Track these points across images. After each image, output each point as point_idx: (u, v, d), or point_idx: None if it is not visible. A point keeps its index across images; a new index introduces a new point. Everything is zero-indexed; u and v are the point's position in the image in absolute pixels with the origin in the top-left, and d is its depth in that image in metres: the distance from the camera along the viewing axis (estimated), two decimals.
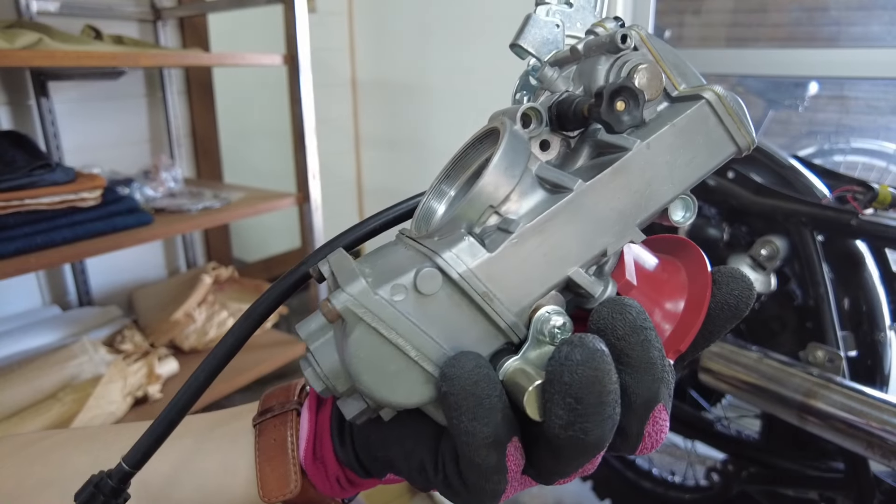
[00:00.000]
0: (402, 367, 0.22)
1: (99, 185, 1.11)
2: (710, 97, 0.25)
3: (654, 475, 1.26)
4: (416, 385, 0.22)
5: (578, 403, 0.20)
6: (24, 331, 1.30)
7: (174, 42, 1.60)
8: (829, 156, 2.13)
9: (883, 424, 0.73)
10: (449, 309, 0.22)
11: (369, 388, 0.22)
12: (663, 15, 2.02)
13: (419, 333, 0.22)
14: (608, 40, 0.25)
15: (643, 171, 0.24)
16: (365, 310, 0.21)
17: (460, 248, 0.22)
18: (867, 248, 0.93)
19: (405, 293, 0.22)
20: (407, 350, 0.22)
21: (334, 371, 0.24)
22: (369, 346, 0.22)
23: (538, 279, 0.23)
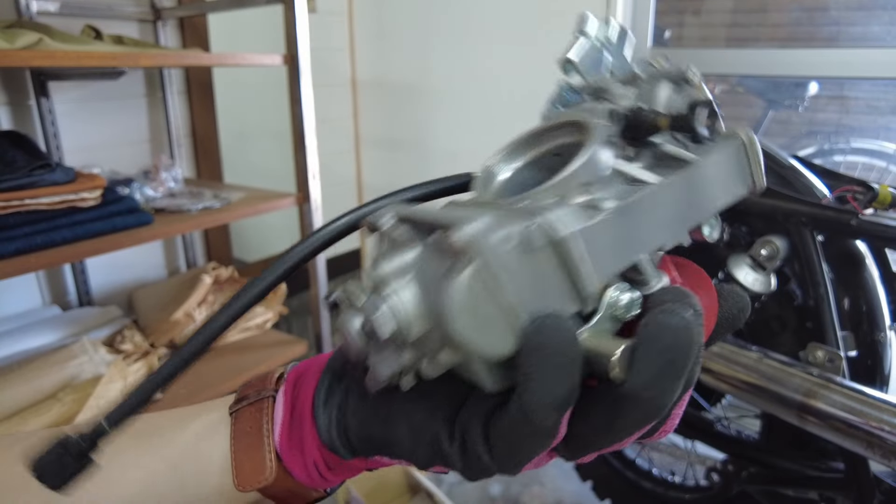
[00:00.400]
0: (495, 314, 0.22)
1: (99, 185, 1.11)
2: (745, 138, 0.29)
3: (654, 475, 1.26)
4: (502, 335, 0.23)
5: (670, 365, 0.21)
6: (24, 331, 1.30)
7: (174, 42, 1.60)
8: (829, 156, 2.13)
9: (883, 424, 0.73)
10: (544, 267, 0.23)
11: (461, 329, 0.22)
12: (663, 15, 2.02)
13: (518, 284, 0.22)
14: (675, 71, 0.29)
15: (700, 183, 0.27)
16: (485, 251, 0.22)
17: (565, 212, 0.23)
18: (867, 248, 0.93)
19: (512, 243, 0.22)
20: (506, 298, 0.22)
21: (415, 312, 0.23)
22: (475, 286, 0.22)
23: (616, 257, 0.24)
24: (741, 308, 0.28)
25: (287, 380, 0.33)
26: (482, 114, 1.98)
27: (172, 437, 0.34)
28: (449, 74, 2.02)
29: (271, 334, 1.55)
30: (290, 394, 0.32)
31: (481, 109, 1.98)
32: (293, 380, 0.33)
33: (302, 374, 0.33)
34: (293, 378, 0.33)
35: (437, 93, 2.07)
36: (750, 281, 0.89)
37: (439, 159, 2.14)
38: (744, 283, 0.89)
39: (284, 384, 0.33)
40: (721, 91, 2.47)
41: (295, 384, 0.33)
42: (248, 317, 1.51)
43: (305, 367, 0.34)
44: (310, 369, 0.33)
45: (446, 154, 2.12)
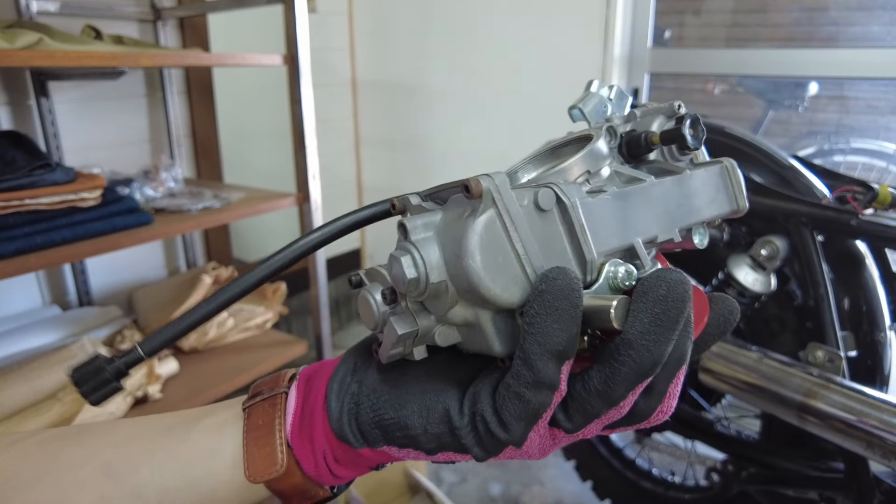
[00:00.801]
0: (507, 262, 0.25)
1: (99, 185, 1.11)
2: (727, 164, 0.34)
3: (654, 475, 1.26)
4: (513, 282, 0.25)
5: (663, 315, 0.23)
6: (24, 331, 1.30)
7: (174, 42, 1.60)
8: (829, 156, 2.13)
9: (883, 424, 0.73)
10: (551, 230, 0.26)
11: (477, 269, 0.24)
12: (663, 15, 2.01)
13: (530, 238, 0.25)
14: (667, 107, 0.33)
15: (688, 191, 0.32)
16: (501, 198, 0.25)
17: (571, 185, 0.27)
18: (867, 248, 0.93)
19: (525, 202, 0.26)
20: (519, 247, 0.25)
21: (435, 262, 0.26)
22: (492, 231, 0.25)
23: (614, 235, 0.28)
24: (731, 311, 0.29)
25: (300, 377, 0.35)
26: (482, 114, 1.98)
27: (184, 433, 0.34)
28: (449, 74, 2.02)
29: (271, 334, 1.55)
30: (303, 389, 0.34)
31: (481, 109, 1.98)
32: (306, 377, 0.34)
33: (315, 372, 0.35)
34: (306, 375, 0.35)
35: (436, 93, 2.07)
36: (750, 281, 0.89)
37: (439, 159, 2.14)
38: (744, 283, 0.89)
39: (297, 381, 0.34)
40: (721, 91, 2.47)
41: (307, 380, 0.34)
42: (248, 317, 1.51)
43: (318, 366, 0.35)
44: (323, 368, 0.34)
45: (446, 154, 2.12)
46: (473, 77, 1.97)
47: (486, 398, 0.26)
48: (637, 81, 1.73)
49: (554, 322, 0.23)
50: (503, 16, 1.85)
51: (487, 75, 1.93)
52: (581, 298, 0.24)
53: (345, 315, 2.48)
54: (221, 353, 1.43)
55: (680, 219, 0.31)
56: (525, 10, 1.80)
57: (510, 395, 0.25)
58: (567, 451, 1.40)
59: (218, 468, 0.33)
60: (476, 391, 0.27)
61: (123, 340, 1.33)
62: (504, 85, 1.90)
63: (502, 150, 1.97)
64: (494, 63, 1.91)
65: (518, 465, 1.60)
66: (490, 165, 2.05)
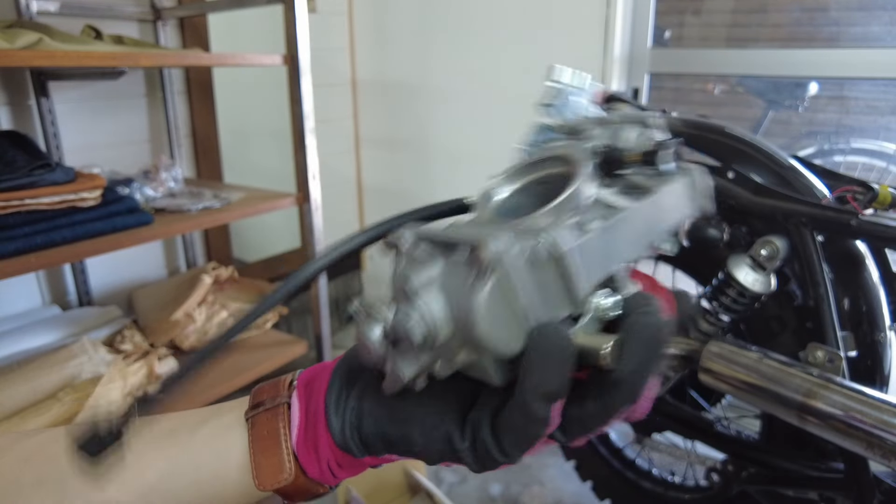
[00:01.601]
0: (509, 319, 0.27)
1: (99, 185, 1.11)
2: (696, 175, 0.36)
3: (654, 475, 1.26)
4: (513, 336, 0.27)
5: (650, 357, 0.27)
6: (24, 331, 1.30)
7: (174, 42, 1.60)
8: (829, 156, 2.13)
9: (883, 424, 0.72)
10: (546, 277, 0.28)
11: (485, 331, 0.26)
12: (663, 15, 2.02)
13: (528, 292, 0.27)
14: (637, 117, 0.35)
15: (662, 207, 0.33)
16: (503, 263, 0.26)
17: (563, 231, 0.28)
18: (867, 248, 0.93)
19: (524, 259, 0.26)
20: (520, 304, 0.26)
21: (443, 321, 0.27)
22: (496, 294, 0.26)
23: (600, 268, 0.29)
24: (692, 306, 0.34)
25: (298, 384, 0.36)
26: (482, 114, 1.98)
27: (188, 438, 0.35)
28: (449, 74, 2.02)
29: (271, 334, 1.55)
30: (304, 399, 0.35)
31: (481, 109, 1.98)
32: (304, 384, 0.35)
33: (312, 379, 0.36)
34: (304, 383, 0.36)
35: (437, 93, 2.07)
36: (750, 281, 0.89)
37: (439, 159, 2.14)
38: (743, 283, 0.89)
39: (297, 390, 0.35)
40: (721, 91, 2.47)
41: (307, 388, 0.35)
42: None
43: (314, 373, 0.36)
44: (320, 375, 0.35)
45: (446, 154, 2.12)
46: (473, 77, 1.97)
47: (486, 427, 0.29)
48: (637, 81, 1.73)
49: (546, 372, 0.26)
50: (503, 16, 1.85)
51: (487, 75, 1.93)
52: (572, 350, 0.27)
53: (345, 315, 2.48)
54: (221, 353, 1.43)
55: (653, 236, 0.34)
56: (525, 10, 1.80)
57: (509, 427, 0.28)
58: (567, 452, 1.41)
59: (225, 473, 0.34)
60: (476, 420, 0.29)
61: (123, 340, 1.34)
62: (504, 85, 1.90)
63: (502, 150, 1.96)
64: (494, 63, 1.91)
65: (518, 466, 1.60)
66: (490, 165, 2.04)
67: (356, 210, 2.39)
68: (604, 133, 0.35)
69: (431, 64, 2.05)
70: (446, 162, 2.13)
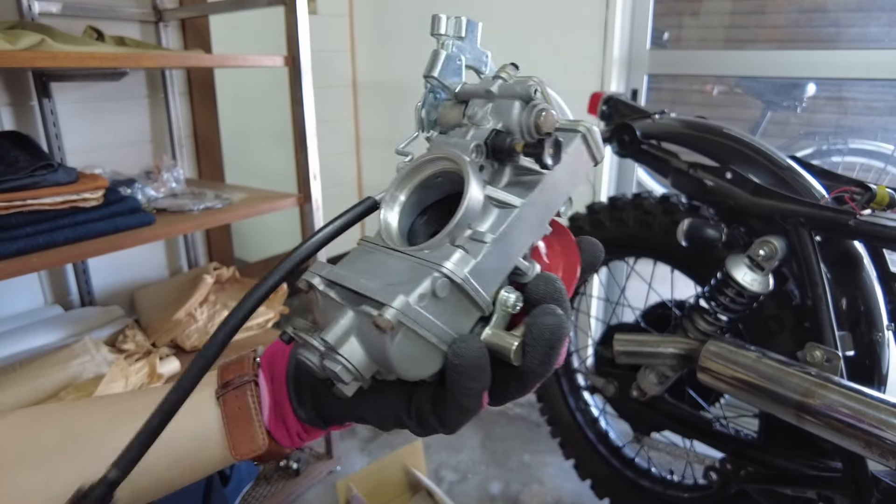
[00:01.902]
0: (426, 352, 0.30)
1: (101, 185, 1.12)
2: (583, 130, 0.35)
3: (653, 474, 1.27)
4: (432, 362, 0.31)
5: (551, 350, 0.31)
6: (27, 330, 1.31)
7: (176, 43, 1.61)
8: (827, 156, 2.14)
9: (881, 424, 0.73)
10: (450, 303, 0.30)
11: (404, 371, 0.30)
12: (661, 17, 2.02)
13: (436, 325, 0.30)
14: (522, 91, 0.35)
15: (554, 186, 0.34)
16: (407, 318, 0.28)
17: (456, 259, 0.30)
18: (865, 248, 0.94)
19: (426, 299, 0.29)
20: (430, 339, 0.30)
21: (364, 365, 0.31)
22: (407, 343, 0.29)
23: (502, 269, 0.32)
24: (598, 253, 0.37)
25: (262, 364, 0.40)
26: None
27: None
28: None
29: (272, 333, 1.56)
30: (269, 380, 0.39)
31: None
32: (267, 363, 0.40)
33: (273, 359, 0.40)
34: (267, 362, 0.40)
35: None
36: (748, 281, 0.90)
37: None
38: (742, 283, 0.90)
39: (261, 370, 0.40)
40: (719, 92, 2.48)
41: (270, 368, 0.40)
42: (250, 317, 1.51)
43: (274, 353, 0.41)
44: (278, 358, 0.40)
45: None
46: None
47: (427, 410, 0.33)
48: (636, 82, 1.73)
49: (471, 380, 0.30)
50: (503, 18, 1.85)
51: None
52: (486, 357, 0.31)
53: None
54: (223, 353, 1.43)
55: (549, 216, 0.35)
56: (525, 11, 1.80)
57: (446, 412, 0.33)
58: (566, 451, 1.41)
59: (201, 447, 0.38)
60: (418, 405, 0.34)
61: (125, 340, 1.34)
62: None
63: None
64: (495, 64, 1.91)
65: (518, 465, 1.60)
66: None
67: None
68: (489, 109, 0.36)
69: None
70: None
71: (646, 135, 1.06)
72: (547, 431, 1.47)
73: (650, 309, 1.20)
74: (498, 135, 0.33)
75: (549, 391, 1.41)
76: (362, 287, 0.30)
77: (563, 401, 1.39)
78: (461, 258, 0.30)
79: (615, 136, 1.09)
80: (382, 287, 0.29)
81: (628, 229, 1.14)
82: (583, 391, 1.40)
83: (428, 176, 0.36)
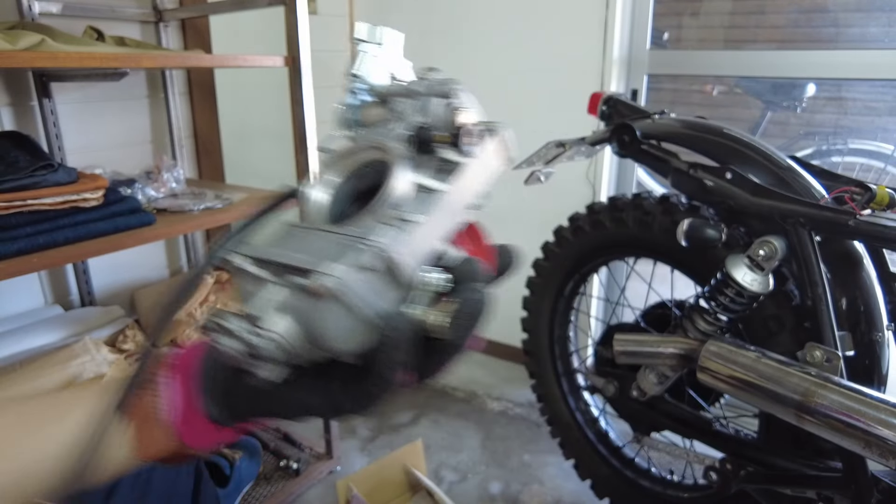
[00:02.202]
0: (358, 324, 0.30)
1: (101, 185, 1.12)
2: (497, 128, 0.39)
3: (653, 474, 1.27)
4: (364, 337, 0.31)
5: (474, 324, 0.33)
6: (27, 330, 1.31)
7: (176, 43, 1.61)
8: (826, 157, 2.14)
9: (880, 424, 0.73)
10: (377, 278, 0.31)
11: (336, 345, 0.30)
12: (662, 17, 2.02)
13: (370, 297, 0.30)
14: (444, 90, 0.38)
15: (472, 176, 0.37)
16: (345, 286, 0.28)
17: (389, 235, 0.31)
18: (864, 248, 0.94)
19: (360, 271, 0.29)
20: (364, 311, 0.30)
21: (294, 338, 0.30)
22: (341, 312, 0.29)
23: (425, 251, 0.33)
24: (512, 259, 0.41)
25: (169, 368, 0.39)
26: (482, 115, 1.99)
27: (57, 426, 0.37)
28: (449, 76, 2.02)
29: None
30: (179, 382, 0.38)
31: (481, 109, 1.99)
32: (175, 367, 0.39)
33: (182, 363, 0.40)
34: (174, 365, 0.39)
35: None
36: (748, 281, 0.90)
37: None
38: (742, 283, 0.90)
39: (169, 373, 0.39)
40: (719, 92, 2.48)
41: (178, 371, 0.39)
42: None
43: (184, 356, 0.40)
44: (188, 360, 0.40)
45: None
46: (473, 79, 1.97)
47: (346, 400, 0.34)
48: (636, 83, 1.73)
49: (399, 354, 0.31)
50: (503, 18, 1.85)
51: (487, 77, 1.94)
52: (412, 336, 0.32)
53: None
54: None
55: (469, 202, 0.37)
56: (525, 12, 1.80)
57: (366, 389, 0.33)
58: (566, 451, 1.41)
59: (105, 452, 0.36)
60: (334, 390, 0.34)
61: (125, 340, 1.34)
62: (504, 87, 1.91)
63: None
64: (494, 65, 1.92)
65: (518, 465, 1.60)
66: None
67: None
68: (413, 106, 0.39)
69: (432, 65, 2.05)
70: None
71: (646, 135, 1.06)
72: (547, 431, 1.47)
73: (650, 309, 1.20)
74: (422, 128, 0.37)
75: (550, 391, 1.41)
76: (294, 260, 0.30)
77: (563, 401, 1.39)
78: (393, 234, 0.31)
79: (615, 137, 1.09)
80: (316, 259, 0.29)
81: (628, 229, 1.14)
82: (583, 391, 1.40)
83: (357, 166, 0.37)
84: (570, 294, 1.34)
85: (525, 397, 1.92)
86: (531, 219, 1.97)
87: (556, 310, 1.35)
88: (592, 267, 1.29)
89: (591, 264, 1.28)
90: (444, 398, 1.94)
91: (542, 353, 1.40)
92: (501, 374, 2.09)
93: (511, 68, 1.88)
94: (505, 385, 2.02)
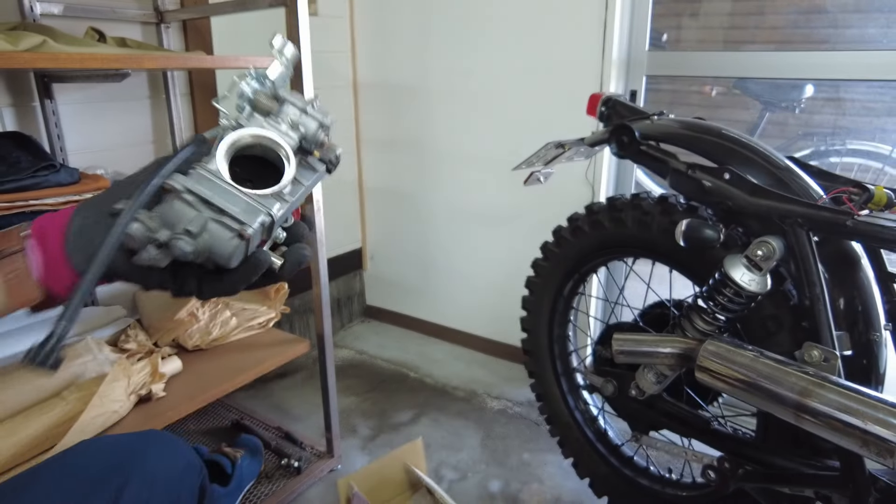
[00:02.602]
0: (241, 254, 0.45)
1: (103, 185, 1.12)
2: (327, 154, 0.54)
3: (652, 472, 1.27)
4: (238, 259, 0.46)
5: (299, 267, 0.51)
6: (28, 330, 1.31)
7: (177, 44, 1.62)
8: (825, 157, 2.15)
9: (878, 423, 0.74)
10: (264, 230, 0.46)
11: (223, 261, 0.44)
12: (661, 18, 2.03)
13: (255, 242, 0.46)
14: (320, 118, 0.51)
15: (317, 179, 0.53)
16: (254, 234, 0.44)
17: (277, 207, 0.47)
18: (862, 248, 0.95)
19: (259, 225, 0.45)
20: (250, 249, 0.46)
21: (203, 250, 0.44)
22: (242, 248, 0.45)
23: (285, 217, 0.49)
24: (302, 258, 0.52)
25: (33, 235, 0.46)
26: (482, 115, 2.00)
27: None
28: (449, 76, 2.03)
29: (273, 333, 1.56)
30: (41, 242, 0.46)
31: (481, 111, 1.99)
32: (37, 235, 0.46)
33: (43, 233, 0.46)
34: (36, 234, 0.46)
35: (436, 95, 2.08)
36: (746, 281, 0.90)
37: (439, 160, 2.15)
38: (740, 283, 0.90)
39: (32, 239, 0.46)
40: (718, 93, 2.49)
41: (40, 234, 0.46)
42: (251, 316, 1.52)
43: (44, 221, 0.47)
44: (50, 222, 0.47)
45: (446, 155, 2.13)
46: (473, 79, 1.98)
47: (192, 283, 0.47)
48: (635, 84, 1.74)
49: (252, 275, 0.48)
50: (503, 19, 1.86)
51: (487, 77, 1.94)
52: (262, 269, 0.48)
53: (346, 314, 2.49)
54: (224, 352, 1.44)
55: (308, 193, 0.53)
56: (524, 13, 1.81)
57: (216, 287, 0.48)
58: (565, 450, 1.42)
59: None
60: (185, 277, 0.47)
61: (127, 339, 1.35)
62: (504, 87, 1.92)
63: (502, 150, 1.98)
64: (494, 65, 1.92)
65: (517, 463, 1.61)
66: (489, 166, 2.04)
67: (358, 211, 2.40)
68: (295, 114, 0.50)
69: (431, 66, 2.06)
70: (446, 163, 2.14)
71: (644, 136, 1.07)
72: (546, 430, 1.48)
73: (649, 309, 1.20)
74: (305, 140, 0.50)
75: (549, 390, 1.42)
76: (228, 208, 0.43)
77: (562, 400, 1.40)
78: (278, 207, 0.46)
79: (614, 137, 1.09)
80: (246, 216, 0.44)
81: (627, 230, 1.14)
82: (582, 390, 1.41)
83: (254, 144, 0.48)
84: (569, 294, 1.34)
85: (524, 396, 1.93)
86: (530, 219, 1.97)
87: (555, 309, 1.36)
88: (591, 267, 1.29)
89: (590, 264, 1.28)
90: (445, 397, 1.95)
91: (541, 353, 1.41)
92: (501, 373, 2.10)
93: (510, 69, 1.88)
94: (504, 384, 2.02)
